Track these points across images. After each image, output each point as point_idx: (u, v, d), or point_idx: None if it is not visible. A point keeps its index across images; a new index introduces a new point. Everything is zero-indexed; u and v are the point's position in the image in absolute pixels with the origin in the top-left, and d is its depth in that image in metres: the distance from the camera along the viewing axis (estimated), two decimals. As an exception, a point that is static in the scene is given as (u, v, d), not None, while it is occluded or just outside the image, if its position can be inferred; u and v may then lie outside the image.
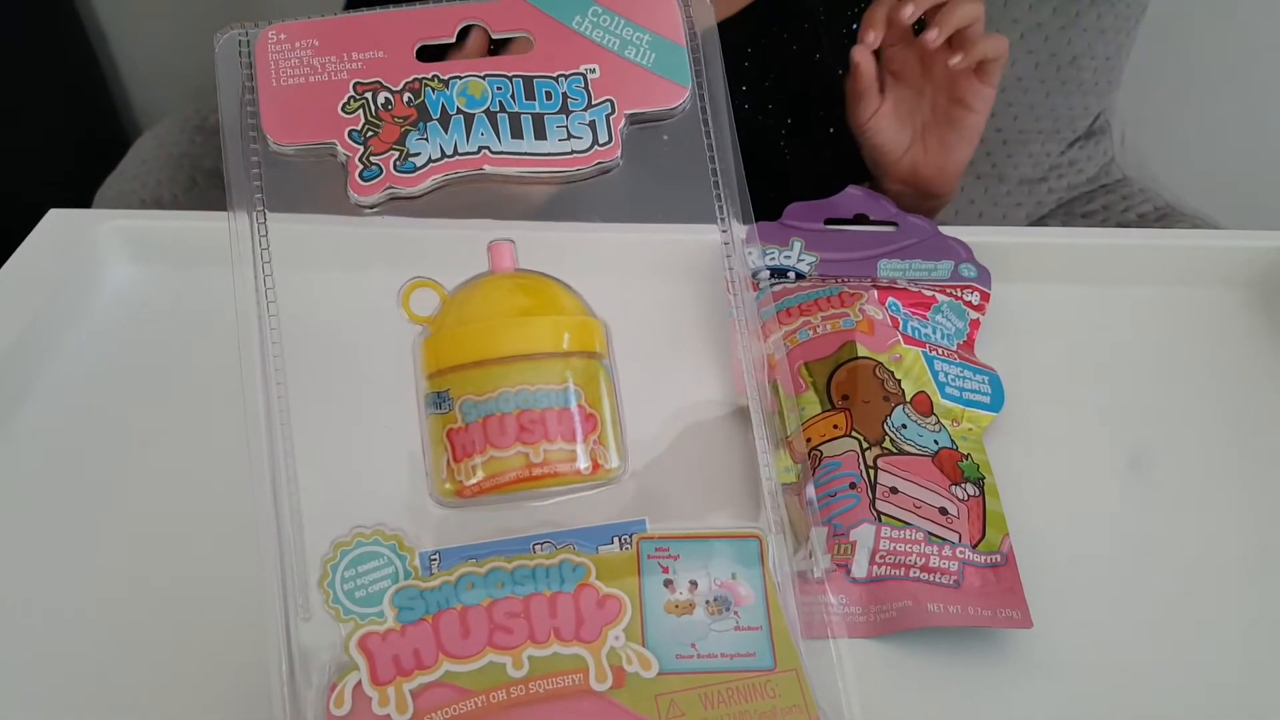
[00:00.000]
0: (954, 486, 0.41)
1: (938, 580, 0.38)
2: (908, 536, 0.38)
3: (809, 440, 0.42)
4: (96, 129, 1.27)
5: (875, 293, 0.48)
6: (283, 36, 0.33)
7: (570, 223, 0.33)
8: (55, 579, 0.37)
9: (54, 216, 0.51)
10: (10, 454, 0.42)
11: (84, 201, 0.53)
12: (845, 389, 0.44)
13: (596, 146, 0.34)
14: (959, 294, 0.50)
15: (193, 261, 0.48)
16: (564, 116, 0.34)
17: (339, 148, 0.33)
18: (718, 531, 0.33)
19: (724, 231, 0.35)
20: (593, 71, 0.34)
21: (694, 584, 0.32)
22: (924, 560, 0.38)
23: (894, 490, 0.40)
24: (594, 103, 0.34)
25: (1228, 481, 0.43)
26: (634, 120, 0.34)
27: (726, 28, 0.63)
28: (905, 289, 0.49)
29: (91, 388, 0.45)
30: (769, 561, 0.33)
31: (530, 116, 0.34)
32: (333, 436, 0.32)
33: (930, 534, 0.39)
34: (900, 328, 0.46)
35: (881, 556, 0.38)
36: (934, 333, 0.47)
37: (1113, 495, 0.42)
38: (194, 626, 0.34)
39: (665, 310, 0.41)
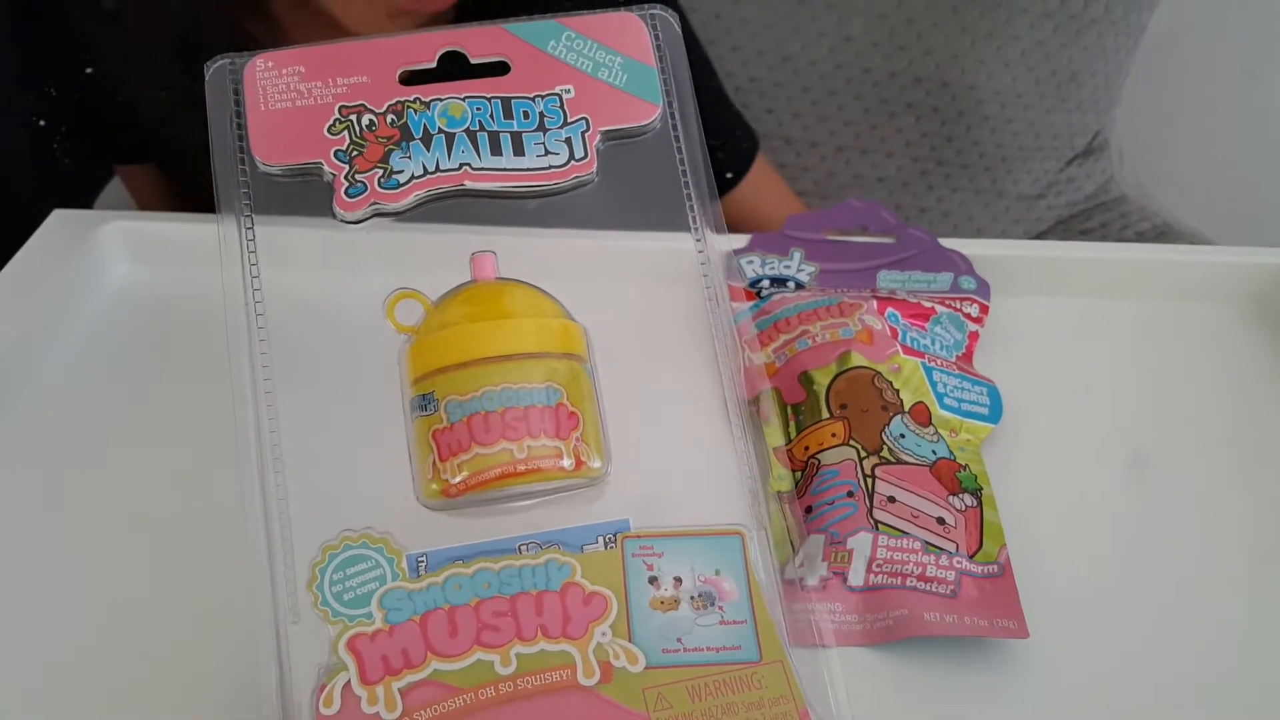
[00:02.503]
0: (952, 497, 0.42)
1: (934, 590, 0.39)
2: (905, 545, 0.40)
3: (807, 448, 0.44)
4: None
5: (875, 303, 0.49)
6: (270, 64, 0.36)
7: (552, 229, 0.35)
8: (45, 578, 0.38)
9: (58, 216, 0.53)
10: (7, 450, 0.43)
11: (85, 206, 0.55)
12: (844, 398, 0.45)
13: (573, 162, 0.36)
14: (958, 306, 0.51)
15: (192, 263, 0.50)
16: (541, 134, 0.36)
17: (325, 167, 0.35)
18: (700, 529, 0.35)
19: (699, 241, 0.37)
20: (568, 92, 0.37)
21: (678, 580, 0.34)
22: (921, 569, 0.39)
23: (891, 499, 0.41)
24: (570, 121, 0.37)
25: (1224, 494, 0.45)
26: (609, 137, 0.37)
27: None
28: (904, 300, 0.51)
29: (88, 387, 0.47)
30: (751, 557, 0.34)
31: (509, 134, 0.36)
32: (321, 441, 0.33)
33: (928, 543, 0.40)
34: (899, 338, 0.48)
35: (878, 565, 0.39)
36: (933, 344, 0.49)
37: (1110, 507, 0.44)
38: (184, 629, 0.36)
39: (647, 316, 0.43)
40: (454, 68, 0.37)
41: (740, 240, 0.55)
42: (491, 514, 0.34)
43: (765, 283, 0.54)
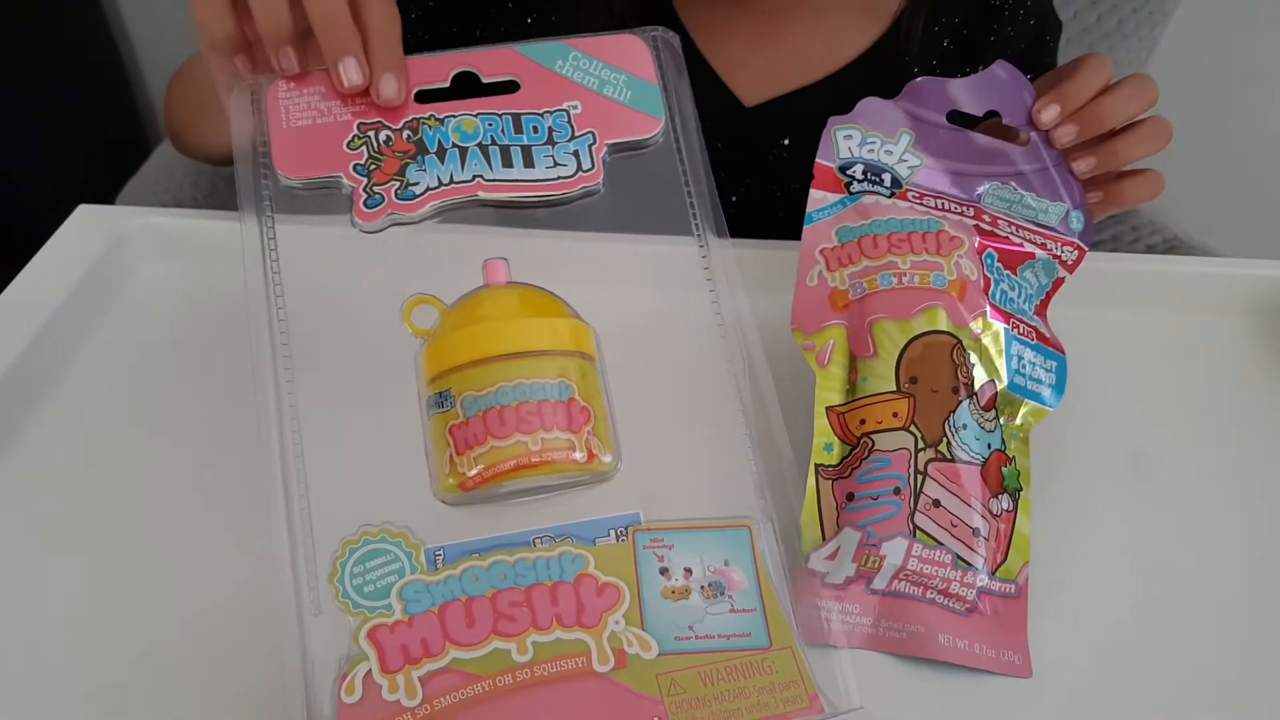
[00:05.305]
0: (992, 499, 0.40)
1: (952, 606, 0.39)
2: (936, 558, 0.39)
3: (862, 422, 0.41)
4: (120, 132, 1.32)
5: (976, 240, 0.45)
6: (292, 85, 0.38)
7: (560, 231, 0.36)
8: (69, 571, 0.39)
9: (83, 212, 0.54)
10: (35, 443, 0.44)
11: (106, 203, 0.56)
12: (916, 369, 0.42)
13: (581, 173, 0.38)
14: (1058, 251, 0.47)
15: (216, 260, 0.50)
16: (550, 147, 0.38)
17: (344, 180, 0.37)
18: (709, 521, 0.36)
19: (701, 246, 0.39)
20: (575, 108, 0.39)
21: (689, 571, 0.35)
22: (945, 585, 0.39)
23: (936, 503, 0.40)
24: (577, 134, 0.39)
25: (1231, 505, 0.46)
26: (615, 149, 0.39)
27: (809, 93, 0.66)
28: (1007, 237, 0.46)
29: (111, 382, 0.47)
30: (759, 548, 0.35)
31: (519, 148, 0.38)
32: (341, 438, 0.34)
33: (958, 556, 0.39)
34: (990, 291, 0.44)
35: (905, 574, 0.39)
36: (1019, 295, 0.45)
37: (1116, 516, 0.45)
38: (208, 622, 0.37)
39: (653, 315, 0.44)
40: (466, 88, 0.39)
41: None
42: (506, 509, 0.35)
43: (858, 169, 0.46)
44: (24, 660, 0.36)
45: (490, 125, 0.38)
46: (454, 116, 0.38)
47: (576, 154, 0.38)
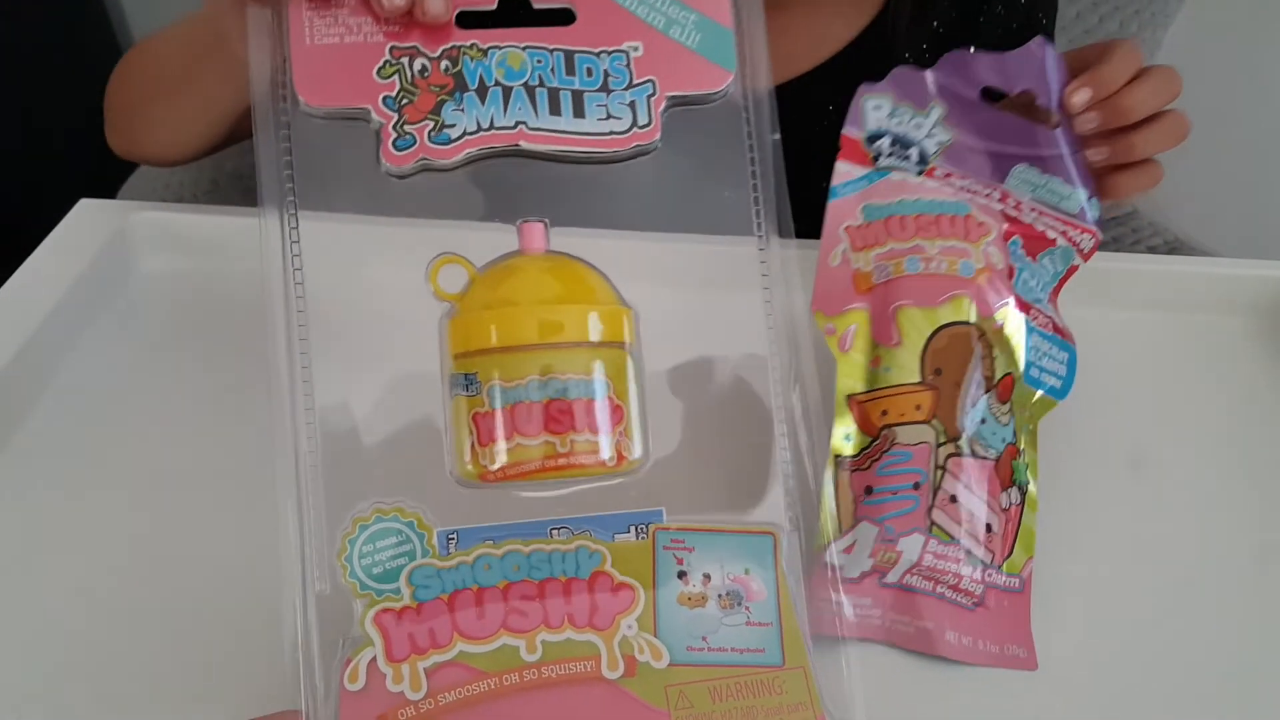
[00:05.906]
0: (1003, 493, 0.40)
1: (960, 601, 0.39)
2: (949, 554, 0.39)
3: (884, 413, 0.40)
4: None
5: (1004, 225, 0.44)
6: (319, -6, 0.33)
7: (598, 230, 0.33)
8: (70, 563, 0.39)
9: (85, 206, 0.53)
10: (35, 437, 0.44)
11: (107, 198, 0.56)
12: (941, 360, 0.40)
13: (636, 128, 0.34)
14: (1076, 238, 0.46)
15: (217, 254, 0.51)
16: (604, 95, 0.34)
17: (373, 114, 0.33)
18: (733, 526, 0.34)
19: (758, 225, 0.35)
20: (635, 50, 0.35)
21: (707, 577, 0.34)
22: (956, 580, 0.39)
23: (953, 499, 0.39)
24: (635, 82, 0.34)
25: (1231, 503, 0.46)
26: (675, 102, 0.35)
27: (798, 86, 0.64)
28: (1031, 224, 0.45)
29: (111, 376, 0.47)
30: (782, 558, 0.34)
31: (570, 93, 0.34)
32: (355, 413, 0.32)
33: (969, 551, 0.39)
34: (1014, 279, 0.43)
35: (918, 569, 0.39)
36: (1037, 284, 0.45)
37: (1117, 512, 0.45)
38: (214, 598, 0.36)
39: (690, 303, 0.42)
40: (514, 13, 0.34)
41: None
42: (524, 496, 0.34)
43: (885, 142, 0.45)
44: (23, 651, 0.36)
45: (540, 63, 0.34)
46: (499, 48, 0.34)
47: (633, 105, 0.34)
